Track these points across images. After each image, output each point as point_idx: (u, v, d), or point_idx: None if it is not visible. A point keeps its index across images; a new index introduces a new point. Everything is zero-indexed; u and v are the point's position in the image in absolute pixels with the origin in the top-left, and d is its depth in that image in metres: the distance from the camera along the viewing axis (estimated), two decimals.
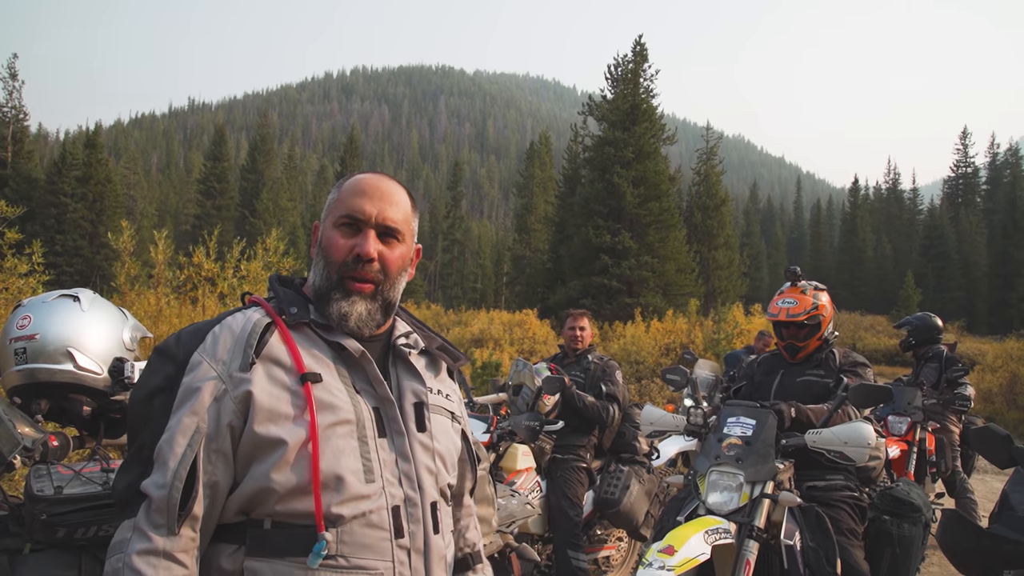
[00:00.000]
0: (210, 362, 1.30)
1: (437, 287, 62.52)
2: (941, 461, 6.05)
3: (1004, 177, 61.56)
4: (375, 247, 1.42)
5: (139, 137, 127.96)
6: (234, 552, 1.27)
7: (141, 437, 1.29)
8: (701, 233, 39.97)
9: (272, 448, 1.26)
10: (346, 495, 1.28)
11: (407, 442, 1.40)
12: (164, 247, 7.72)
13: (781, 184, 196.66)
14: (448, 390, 1.60)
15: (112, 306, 2.46)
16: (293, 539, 1.25)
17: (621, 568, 4.98)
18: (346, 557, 1.26)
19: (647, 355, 17.15)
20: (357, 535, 1.28)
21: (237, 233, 38.16)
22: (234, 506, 1.28)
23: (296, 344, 1.36)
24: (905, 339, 6.80)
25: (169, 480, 1.22)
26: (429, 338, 1.60)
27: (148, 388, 1.32)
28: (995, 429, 1.83)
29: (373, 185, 1.46)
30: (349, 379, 1.39)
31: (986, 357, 20.40)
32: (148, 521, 1.22)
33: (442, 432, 1.50)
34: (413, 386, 1.48)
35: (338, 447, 1.30)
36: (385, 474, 1.34)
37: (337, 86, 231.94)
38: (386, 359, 1.49)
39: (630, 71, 33.61)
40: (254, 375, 1.29)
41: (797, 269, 3.88)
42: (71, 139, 66.08)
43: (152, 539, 1.20)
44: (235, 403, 1.27)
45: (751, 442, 3.07)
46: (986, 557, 1.75)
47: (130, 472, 1.29)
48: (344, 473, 1.29)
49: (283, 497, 1.25)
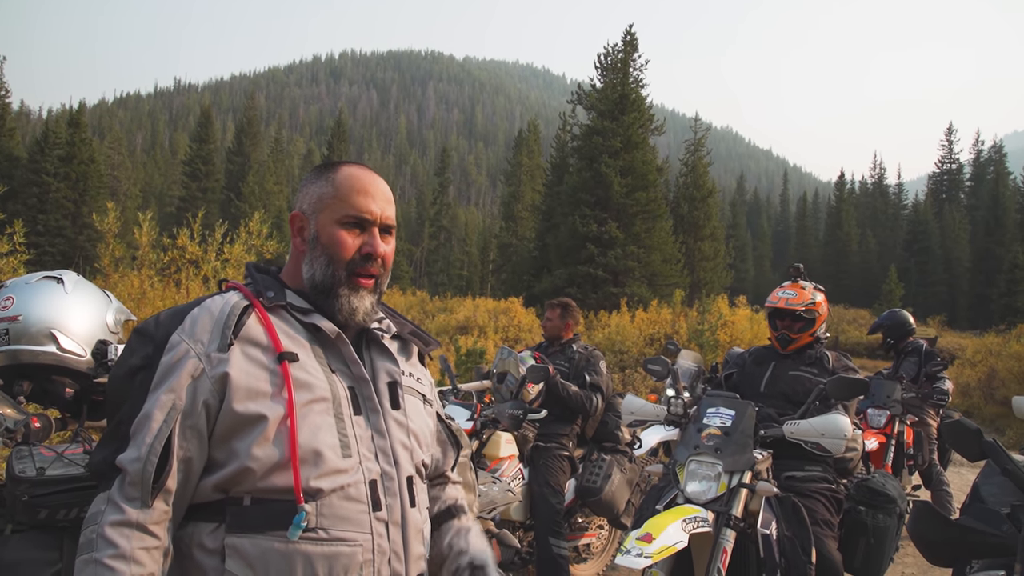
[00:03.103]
0: (189, 342, 1.33)
1: (423, 273, 62.46)
2: (918, 454, 6.14)
3: (988, 174, 62.08)
4: (383, 247, 1.50)
5: (124, 117, 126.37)
6: (215, 530, 1.30)
7: (120, 414, 1.33)
8: (687, 224, 40.05)
9: (252, 424, 1.29)
10: (324, 469, 1.31)
11: (382, 419, 1.44)
12: (148, 229, 7.66)
13: (768, 176, 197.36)
14: (419, 373, 1.66)
15: (96, 288, 2.45)
16: (273, 514, 1.28)
17: (602, 555, 5.03)
18: (326, 529, 1.30)
19: (631, 345, 17.23)
20: (336, 508, 1.31)
21: (223, 216, 37.81)
22: (214, 484, 1.30)
23: (273, 325, 1.40)
24: (883, 341, 6.88)
25: (144, 454, 1.26)
26: (400, 324, 1.66)
27: (127, 367, 1.36)
28: (966, 423, 1.87)
29: (372, 183, 1.51)
30: (325, 359, 1.43)
31: (966, 351, 20.64)
32: (122, 494, 1.26)
33: (415, 412, 1.55)
34: (387, 366, 1.52)
35: (315, 423, 1.34)
36: (362, 449, 1.38)
37: (325, 69, 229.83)
38: (360, 342, 1.53)
39: (620, 61, 33.56)
40: (232, 355, 1.33)
41: (800, 266, 3.97)
42: (54, 117, 65.27)
43: (125, 511, 1.24)
44: (212, 382, 1.31)
45: (730, 432, 3.11)
46: (955, 548, 1.79)
47: (107, 447, 1.32)
48: (322, 448, 1.32)
49: (263, 473, 1.28)
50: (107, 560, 1.21)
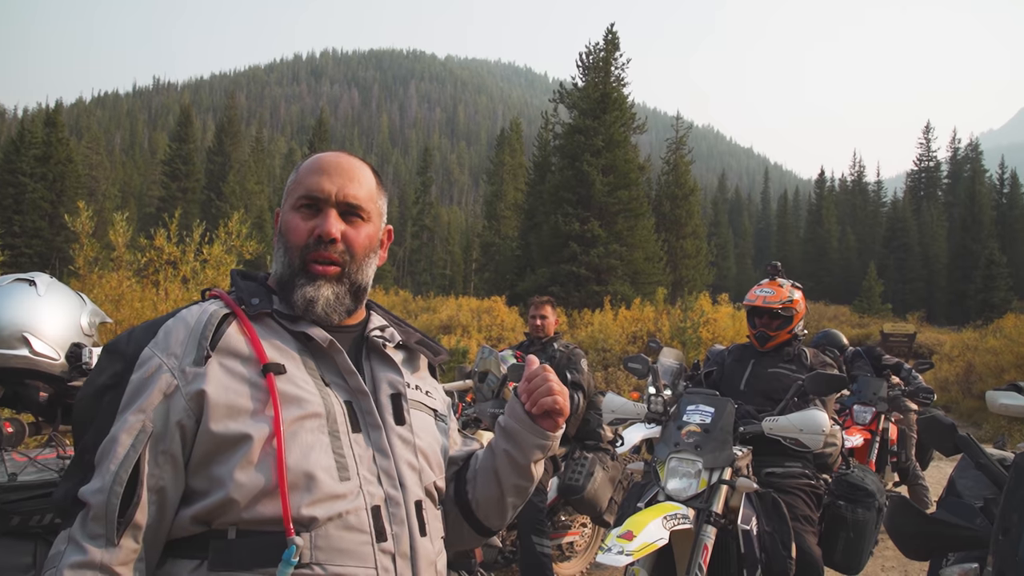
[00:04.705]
0: (161, 356, 1.19)
1: (406, 273, 62.23)
2: (902, 451, 6.23)
3: (964, 171, 62.97)
4: (337, 227, 1.32)
5: (102, 116, 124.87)
6: (195, 568, 1.13)
7: (84, 440, 1.18)
8: (669, 222, 40.23)
9: (234, 446, 1.15)
10: (318, 494, 1.15)
11: (384, 436, 1.29)
12: (124, 229, 7.58)
13: (749, 174, 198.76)
14: (428, 386, 1.50)
15: (70, 291, 2.41)
16: (260, 548, 1.12)
17: (585, 554, 5.04)
18: (322, 565, 1.13)
19: (614, 343, 17.28)
20: (333, 539, 1.15)
21: (203, 216, 37.55)
22: (193, 516, 1.15)
23: (257, 334, 1.25)
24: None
25: (108, 484, 1.11)
26: (407, 333, 1.50)
27: (95, 387, 1.22)
28: (940, 418, 1.89)
29: (332, 162, 1.36)
30: (317, 371, 1.28)
31: (944, 347, 20.91)
32: (84, 531, 1.10)
33: (423, 428, 1.39)
34: (389, 377, 1.37)
35: (307, 442, 1.18)
36: (362, 471, 1.22)
37: (306, 68, 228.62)
38: (359, 352, 1.38)
39: (601, 59, 33.59)
40: (209, 370, 1.18)
41: (778, 264, 4.02)
42: (30, 117, 64.53)
43: (87, 551, 1.09)
44: (187, 400, 1.16)
45: (710, 429, 3.13)
46: (931, 541, 1.80)
47: (71, 478, 1.17)
48: (315, 470, 1.16)
49: (248, 502, 1.12)
50: None
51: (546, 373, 1.39)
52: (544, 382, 1.37)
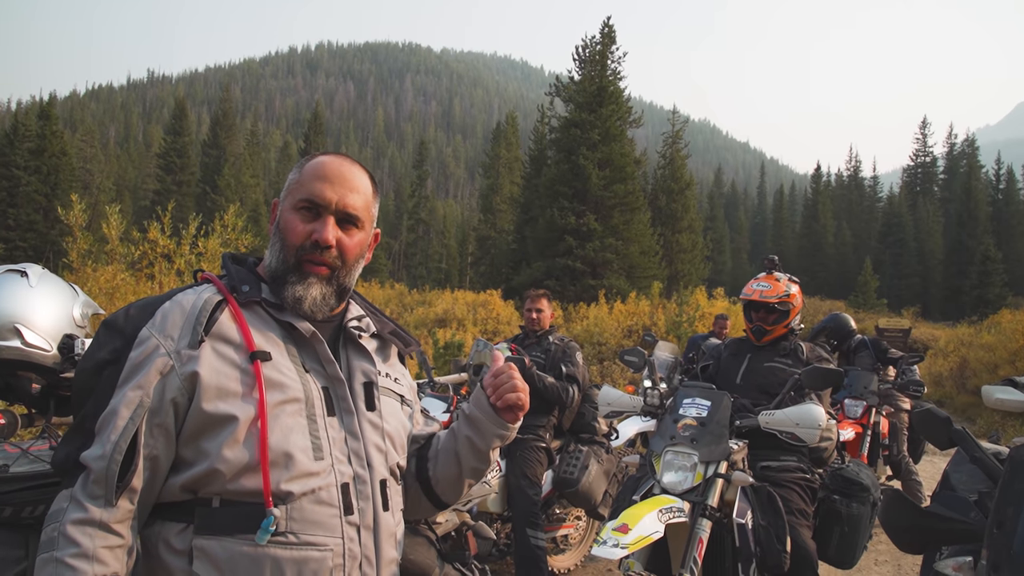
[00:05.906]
0: (159, 338, 1.30)
1: (401, 266, 62.15)
2: (894, 444, 6.24)
3: (960, 167, 63.09)
4: (334, 234, 1.42)
5: (96, 109, 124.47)
6: (182, 530, 1.27)
7: (85, 409, 1.30)
8: (665, 216, 40.21)
9: (222, 425, 1.27)
10: (295, 472, 1.29)
11: (356, 421, 1.42)
12: (117, 222, 7.55)
13: (745, 169, 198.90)
14: (397, 374, 1.62)
15: (62, 282, 2.40)
16: (242, 516, 1.25)
17: (579, 546, 5.04)
18: (296, 534, 1.27)
19: (610, 336, 17.26)
20: (307, 512, 1.29)
21: (199, 209, 37.44)
22: (182, 484, 1.28)
23: (246, 322, 1.37)
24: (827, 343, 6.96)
25: (109, 452, 1.23)
26: (381, 323, 1.62)
27: (95, 361, 1.32)
28: (935, 412, 1.89)
29: (336, 170, 1.45)
30: (299, 358, 1.40)
31: (938, 342, 20.95)
32: (85, 492, 1.23)
33: (391, 414, 1.52)
34: (363, 366, 1.49)
35: (287, 425, 1.31)
36: (334, 452, 1.35)
37: (301, 61, 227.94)
38: (337, 341, 1.50)
39: (598, 53, 33.49)
40: (202, 353, 1.30)
41: (775, 258, 3.99)
42: (23, 110, 64.18)
43: (89, 509, 1.22)
44: (181, 380, 1.28)
45: (706, 423, 3.13)
46: (925, 535, 1.80)
47: (71, 443, 1.29)
48: (293, 450, 1.29)
49: (232, 475, 1.25)
50: (68, 559, 1.18)
51: (512, 371, 1.55)
52: (509, 379, 1.53)
